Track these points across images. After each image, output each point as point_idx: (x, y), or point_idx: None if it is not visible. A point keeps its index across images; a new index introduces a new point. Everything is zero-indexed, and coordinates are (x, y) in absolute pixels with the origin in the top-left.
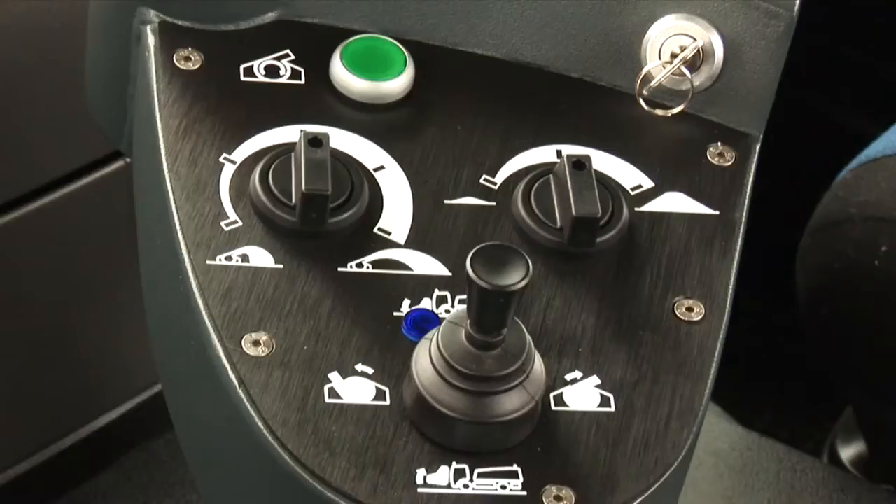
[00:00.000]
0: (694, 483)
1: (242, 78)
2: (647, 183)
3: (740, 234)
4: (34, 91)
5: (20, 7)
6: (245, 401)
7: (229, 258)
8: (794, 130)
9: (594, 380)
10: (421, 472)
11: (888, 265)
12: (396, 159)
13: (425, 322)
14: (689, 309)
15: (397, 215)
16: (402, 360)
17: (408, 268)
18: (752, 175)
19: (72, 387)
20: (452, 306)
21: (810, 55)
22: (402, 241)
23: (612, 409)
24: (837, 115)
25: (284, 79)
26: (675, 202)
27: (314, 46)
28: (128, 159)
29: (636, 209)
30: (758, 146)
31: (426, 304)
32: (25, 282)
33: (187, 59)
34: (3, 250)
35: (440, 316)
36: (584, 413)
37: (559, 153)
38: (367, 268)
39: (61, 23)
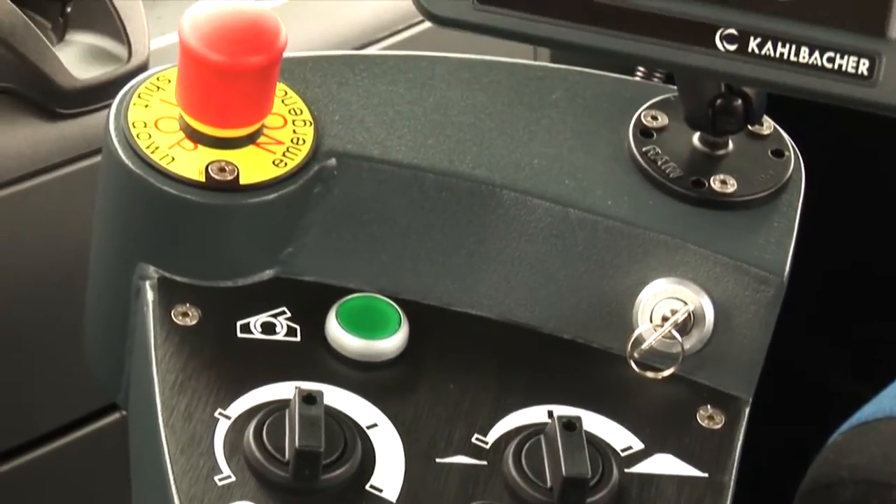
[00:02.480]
0: None
1: (239, 334)
2: (637, 445)
3: (729, 497)
4: (32, 342)
5: (19, 260)
6: None
7: None
8: (786, 393)
9: None
10: None
11: None
12: (389, 417)
13: None
14: None
15: (389, 473)
16: None
17: None
18: (741, 438)
19: None
20: None
21: (800, 317)
22: (393, 498)
23: None
24: (828, 377)
25: (280, 336)
26: (664, 464)
27: (310, 304)
28: (124, 412)
29: (626, 470)
30: (747, 409)
31: None
32: None
33: (185, 314)
34: None
35: None
36: None
37: (550, 413)
38: None
39: (60, 275)
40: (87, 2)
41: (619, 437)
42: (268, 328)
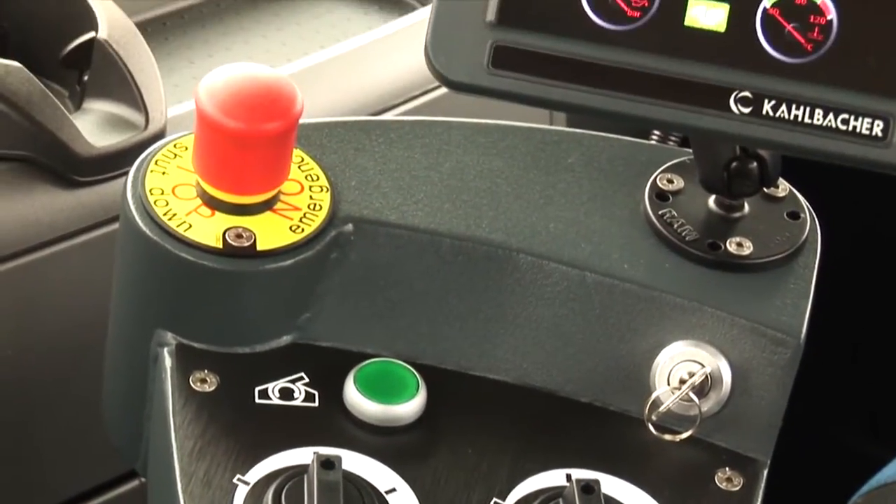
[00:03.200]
0: None
1: (257, 400)
2: None
3: None
4: (51, 409)
5: (39, 327)
6: None
7: None
8: (805, 454)
9: None
10: None
11: None
12: (408, 482)
13: None
14: None
15: None
16: None
17: None
18: (759, 500)
19: None
20: None
21: (819, 378)
22: None
23: None
24: (847, 439)
25: (298, 401)
26: None
27: (328, 369)
28: (143, 479)
29: None
30: (765, 471)
31: None
32: None
33: (203, 380)
34: None
35: None
36: None
37: (569, 477)
38: None
39: (79, 342)
40: (104, 70)
41: (637, 499)
42: (286, 394)
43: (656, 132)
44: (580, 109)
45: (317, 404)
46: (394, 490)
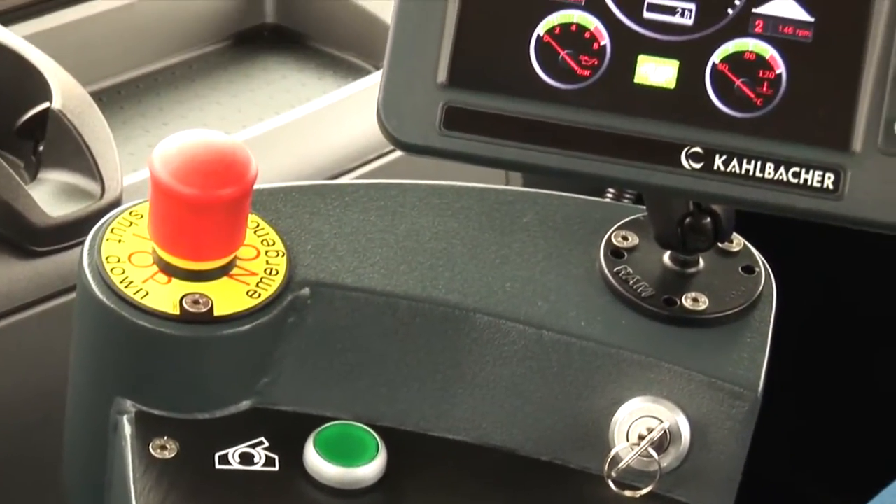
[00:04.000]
0: None
1: (217, 466)
2: None
3: None
4: (9, 481)
5: None
6: None
7: None
8: None
9: None
10: None
11: None
12: None
13: None
14: None
15: None
16: None
17: None
18: None
19: None
20: None
21: (780, 431)
22: None
23: None
24: (806, 489)
25: (259, 466)
26: None
27: (288, 433)
28: None
29: None
30: None
31: None
32: None
33: (163, 447)
34: None
35: None
36: None
37: None
38: None
39: (38, 414)
40: (59, 140)
41: None
42: (246, 459)
43: (611, 189)
44: (533, 169)
45: (277, 468)
46: None
